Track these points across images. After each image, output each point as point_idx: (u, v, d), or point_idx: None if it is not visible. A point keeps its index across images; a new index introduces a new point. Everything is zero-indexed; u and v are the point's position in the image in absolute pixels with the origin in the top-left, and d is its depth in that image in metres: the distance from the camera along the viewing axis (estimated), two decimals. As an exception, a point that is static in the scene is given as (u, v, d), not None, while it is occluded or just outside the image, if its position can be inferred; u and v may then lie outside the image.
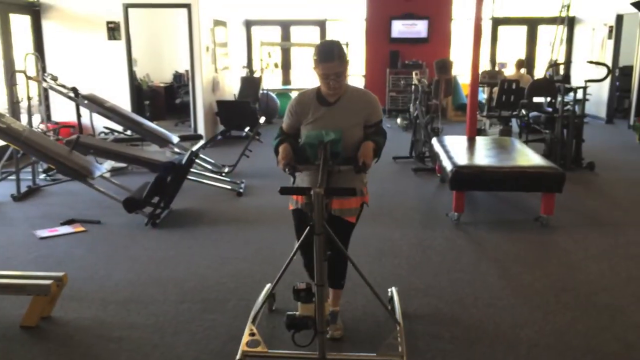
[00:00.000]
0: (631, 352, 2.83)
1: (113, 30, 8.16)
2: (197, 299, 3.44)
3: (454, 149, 5.41)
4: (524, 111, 7.63)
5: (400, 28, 11.53)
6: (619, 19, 10.22)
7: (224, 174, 6.46)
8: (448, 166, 4.92)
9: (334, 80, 2.56)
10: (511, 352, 2.82)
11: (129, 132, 7.01)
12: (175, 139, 6.62)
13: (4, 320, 3.15)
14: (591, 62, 7.47)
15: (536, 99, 7.68)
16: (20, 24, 7.91)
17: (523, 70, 9.47)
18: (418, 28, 11.52)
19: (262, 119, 6.61)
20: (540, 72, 12.00)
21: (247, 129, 6.73)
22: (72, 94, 6.52)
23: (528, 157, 5.20)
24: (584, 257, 4.11)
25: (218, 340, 2.96)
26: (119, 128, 7.13)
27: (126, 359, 2.79)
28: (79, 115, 6.77)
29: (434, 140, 6.12)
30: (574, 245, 4.36)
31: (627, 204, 5.47)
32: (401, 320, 2.76)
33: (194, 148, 5.09)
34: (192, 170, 5.58)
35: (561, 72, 10.16)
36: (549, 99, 7.54)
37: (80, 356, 2.83)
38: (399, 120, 10.22)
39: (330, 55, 2.53)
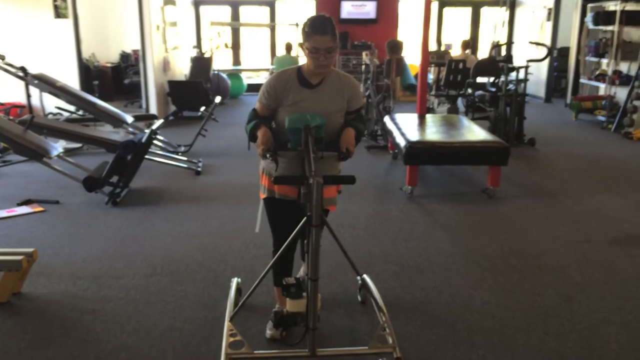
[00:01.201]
0: (571, 304, 3.13)
1: (58, 9, 7.96)
2: (166, 272, 3.54)
3: (407, 126, 5.64)
4: (470, 90, 7.95)
5: (349, 9, 11.66)
6: (557, 1, 10.69)
7: (180, 154, 6.49)
8: (401, 142, 5.14)
9: (324, 55, 2.40)
10: (466, 309, 3.08)
11: (80, 112, 6.91)
12: (129, 119, 6.59)
13: (-27, 298, 3.17)
14: (532, 43, 7.85)
15: (480, 79, 8.01)
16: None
17: (468, 51, 9.81)
18: (367, 9, 11.68)
19: (218, 99, 6.65)
20: (483, 52, 12.43)
21: (202, 108, 6.76)
22: (21, 74, 6.38)
23: (476, 133, 5.49)
24: (527, 224, 4.43)
25: (191, 308, 3.08)
26: (71, 108, 7.01)
27: (103, 330, 2.88)
28: (28, 95, 6.63)
29: (386, 118, 6.34)
30: (519, 213, 4.68)
31: (564, 176, 5.86)
32: (385, 309, 2.68)
33: (154, 127, 5.11)
34: (149, 150, 5.60)
35: (503, 52, 10.57)
36: (492, 78, 7.88)
37: (56, 328, 2.89)
38: (349, 100, 10.40)
39: (323, 28, 2.38)
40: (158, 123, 5.33)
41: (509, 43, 11.62)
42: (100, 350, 2.69)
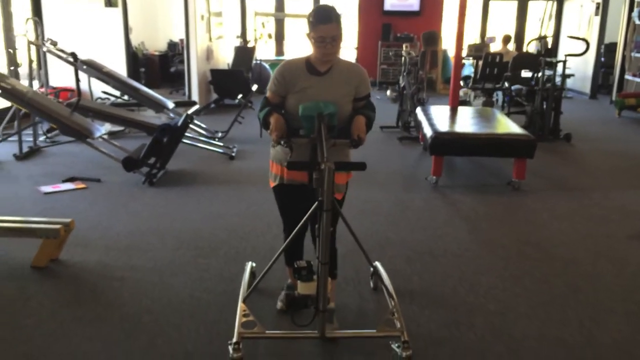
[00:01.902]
0: (577, 294, 3.19)
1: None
2: (192, 247, 3.77)
3: (436, 118, 5.71)
4: (506, 84, 7.91)
5: (393, 1, 11.71)
6: (606, -4, 10.45)
7: (217, 139, 6.74)
8: (428, 132, 5.23)
9: (330, 44, 2.45)
10: (472, 293, 3.18)
11: (125, 97, 7.25)
12: (170, 104, 6.89)
13: (17, 262, 3.47)
14: (571, 37, 7.74)
15: (525, 74, 7.94)
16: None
17: (511, 46, 9.73)
18: (411, 1, 11.71)
19: (255, 87, 6.87)
20: (530, 46, 12.24)
21: (239, 96, 6.99)
22: (71, 59, 6.74)
23: (504, 125, 5.52)
24: (549, 217, 4.46)
25: (211, 280, 3.29)
26: (117, 93, 7.37)
27: (129, 295, 3.12)
28: (77, 80, 6.98)
29: (418, 110, 6.42)
30: (541, 206, 4.71)
31: (597, 172, 5.81)
32: (395, 295, 2.70)
33: (189, 111, 5.36)
34: (186, 134, 5.86)
35: (549, 46, 10.40)
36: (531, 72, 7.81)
37: (88, 292, 3.16)
38: (388, 92, 10.45)
39: (328, 17, 2.44)
40: (194, 108, 5.57)
41: (554, 37, 11.41)
42: (124, 313, 2.94)
